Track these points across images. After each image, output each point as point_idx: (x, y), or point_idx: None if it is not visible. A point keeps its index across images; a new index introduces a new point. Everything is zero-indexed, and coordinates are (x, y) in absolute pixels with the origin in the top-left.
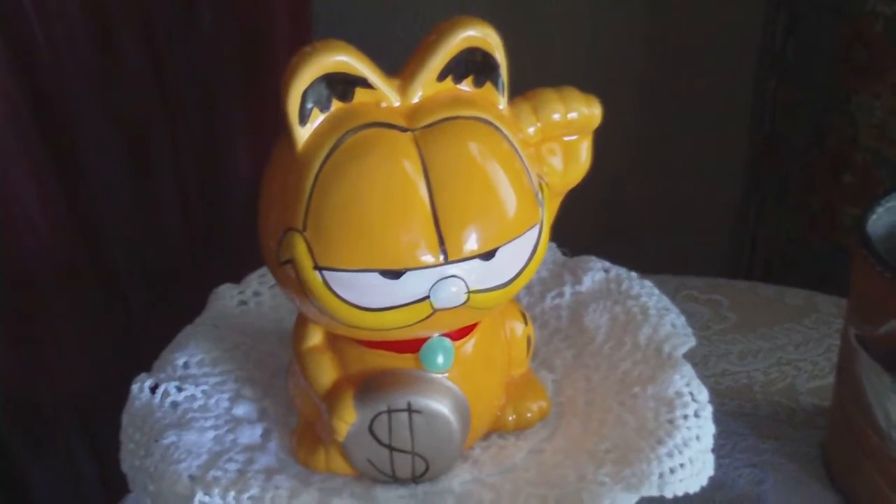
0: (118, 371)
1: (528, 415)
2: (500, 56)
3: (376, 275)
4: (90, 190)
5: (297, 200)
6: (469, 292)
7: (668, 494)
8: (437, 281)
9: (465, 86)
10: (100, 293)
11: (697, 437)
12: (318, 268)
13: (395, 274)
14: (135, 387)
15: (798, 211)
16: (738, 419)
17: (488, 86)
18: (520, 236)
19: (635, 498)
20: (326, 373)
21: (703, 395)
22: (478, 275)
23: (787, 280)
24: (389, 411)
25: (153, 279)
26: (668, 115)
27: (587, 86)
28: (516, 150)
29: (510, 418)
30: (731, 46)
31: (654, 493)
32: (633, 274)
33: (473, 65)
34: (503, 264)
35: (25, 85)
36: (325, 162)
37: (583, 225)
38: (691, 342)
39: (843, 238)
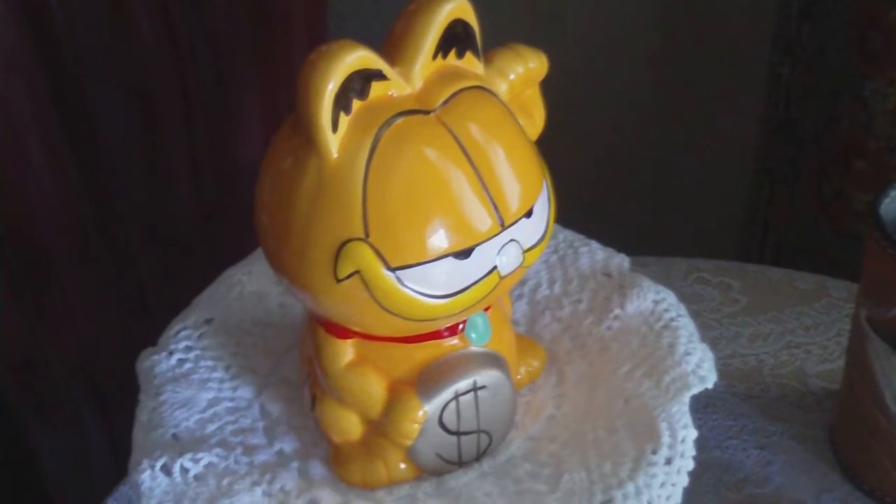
0: (127, 338)
1: (530, 369)
2: (475, 24)
3: (450, 259)
4: (102, 156)
5: (348, 210)
6: (524, 252)
7: (710, 385)
8: (500, 248)
9: (451, 59)
10: (110, 260)
11: (692, 333)
12: (390, 269)
13: (466, 253)
14: (144, 476)
15: (810, 196)
16: (746, 401)
17: (468, 54)
18: (543, 189)
19: (688, 398)
20: (376, 383)
21: (672, 296)
22: (525, 234)
23: (797, 265)
24: (457, 396)
25: (163, 247)
26: (682, 99)
27: (600, 69)
28: (510, 110)
29: (518, 376)
30: (746, 31)
31: (700, 388)
32: None
33: (456, 37)
34: (539, 219)
35: (39, 52)
36: (368, 163)
37: (593, 207)
38: (627, 259)
39: (854, 224)
